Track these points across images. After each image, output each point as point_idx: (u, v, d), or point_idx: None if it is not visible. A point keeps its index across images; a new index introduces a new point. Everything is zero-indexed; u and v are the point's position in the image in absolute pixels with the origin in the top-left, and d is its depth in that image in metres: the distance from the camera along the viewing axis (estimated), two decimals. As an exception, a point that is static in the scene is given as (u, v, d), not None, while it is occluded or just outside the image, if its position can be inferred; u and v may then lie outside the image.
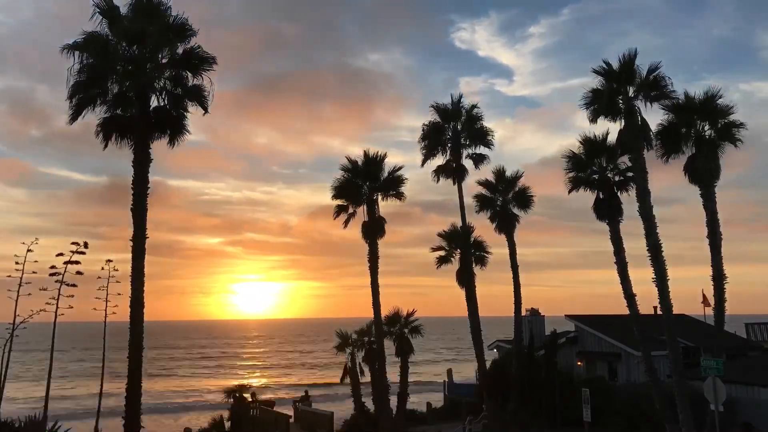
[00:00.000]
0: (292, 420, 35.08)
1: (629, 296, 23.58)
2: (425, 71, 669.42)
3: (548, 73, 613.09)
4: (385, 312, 30.11)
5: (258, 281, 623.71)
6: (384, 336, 30.21)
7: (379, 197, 30.25)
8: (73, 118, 18.94)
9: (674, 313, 22.66)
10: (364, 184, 30.19)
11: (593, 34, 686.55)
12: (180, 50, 19.53)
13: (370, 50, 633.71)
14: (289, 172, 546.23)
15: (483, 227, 33.19)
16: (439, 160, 33.12)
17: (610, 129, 24.75)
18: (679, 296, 22.93)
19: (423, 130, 33.43)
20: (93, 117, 19.33)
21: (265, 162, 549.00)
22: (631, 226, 24.42)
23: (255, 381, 68.22)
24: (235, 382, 38.87)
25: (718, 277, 23.90)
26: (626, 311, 23.86)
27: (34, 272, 23.70)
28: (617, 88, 23.17)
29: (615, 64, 23.20)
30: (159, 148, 20.26)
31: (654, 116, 24.60)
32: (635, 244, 23.58)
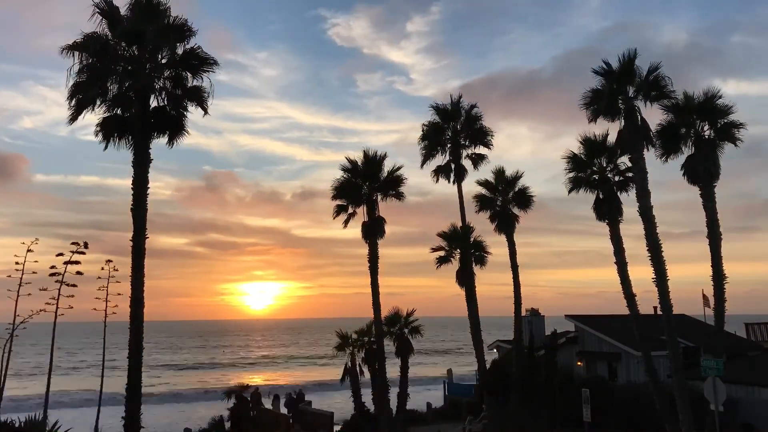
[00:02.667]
0: (292, 420, 35.07)
1: (629, 296, 23.58)
2: (317, 68, 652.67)
3: (446, 72, 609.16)
4: (362, 313, 30.11)
5: (239, 282, 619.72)
6: (384, 336, 30.22)
7: (379, 197, 30.25)
8: (73, 118, 18.95)
9: (674, 313, 22.65)
10: (363, 184, 30.20)
11: (473, 32, 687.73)
12: (180, 51, 19.54)
13: (256, 49, 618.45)
14: (224, 171, 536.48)
15: (482, 227, 33.30)
16: (438, 160, 33.18)
17: (609, 129, 24.79)
18: (679, 296, 22.99)
19: (423, 130, 33.47)
20: (93, 117, 19.36)
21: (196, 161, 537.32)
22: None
23: (256, 380, 68.21)
24: (236, 382, 38.85)
25: (718, 277, 23.86)
26: (627, 311, 23.86)
27: (34, 272, 23.73)
28: (617, 88, 23.16)
29: (615, 64, 23.20)
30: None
31: (654, 116, 24.62)
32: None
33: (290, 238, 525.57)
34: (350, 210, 30.30)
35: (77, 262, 25.10)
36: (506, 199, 32.52)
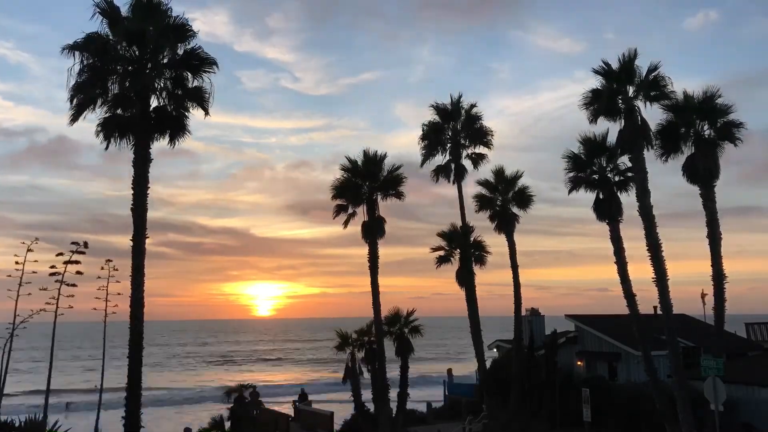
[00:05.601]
0: (292, 420, 35.10)
1: (629, 296, 23.57)
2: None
3: (333, 69, 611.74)
4: (366, 314, 30.00)
5: (217, 282, 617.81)
6: (384, 336, 30.18)
7: (379, 197, 30.21)
8: (74, 118, 18.92)
9: (674, 313, 22.66)
10: (363, 184, 30.13)
11: (341, 26, 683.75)
12: (180, 51, 19.52)
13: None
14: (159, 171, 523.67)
15: (481, 227, 33.33)
16: (438, 160, 33.22)
17: (609, 129, 24.79)
18: (679, 296, 23.01)
19: (423, 130, 33.50)
20: (94, 117, 19.35)
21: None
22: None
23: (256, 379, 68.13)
24: (236, 382, 38.84)
25: (718, 277, 23.89)
26: (627, 311, 23.86)
27: (34, 272, 23.75)
28: (617, 88, 23.17)
29: (615, 65, 23.22)
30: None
31: (654, 116, 24.72)
32: (602, 245, 23.95)
33: (252, 239, 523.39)
34: (350, 210, 30.22)
35: (77, 262, 25.13)
36: (506, 198, 32.52)
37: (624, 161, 24.99)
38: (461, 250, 31.93)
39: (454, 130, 33.05)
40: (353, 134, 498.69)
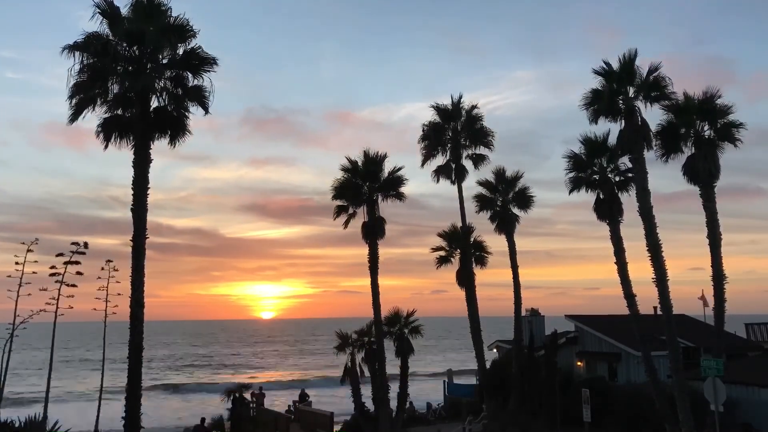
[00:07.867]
0: (292, 420, 35.11)
1: (629, 296, 23.60)
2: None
3: (247, 67, 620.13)
4: (349, 314, 30.01)
5: (199, 282, 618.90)
6: (384, 336, 30.18)
7: (380, 197, 30.19)
8: (73, 118, 18.89)
9: (674, 313, 22.66)
10: (364, 185, 30.11)
11: (236, 24, 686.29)
12: (180, 51, 19.51)
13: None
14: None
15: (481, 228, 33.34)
16: (439, 160, 33.24)
17: (610, 129, 24.81)
18: (679, 296, 23.01)
19: (423, 130, 33.52)
20: (93, 117, 19.35)
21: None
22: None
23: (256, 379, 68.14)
24: (236, 382, 38.86)
25: (718, 277, 23.87)
26: (627, 311, 23.87)
27: (34, 272, 23.78)
28: (617, 89, 23.18)
29: (615, 65, 23.24)
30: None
31: (654, 116, 24.69)
32: (583, 246, 23.85)
33: (222, 239, 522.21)
34: (350, 210, 30.20)
35: (77, 263, 25.16)
36: (506, 199, 32.56)
37: (624, 161, 25.04)
38: (461, 250, 31.94)
39: (455, 131, 33.06)
40: (299, 132, 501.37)
